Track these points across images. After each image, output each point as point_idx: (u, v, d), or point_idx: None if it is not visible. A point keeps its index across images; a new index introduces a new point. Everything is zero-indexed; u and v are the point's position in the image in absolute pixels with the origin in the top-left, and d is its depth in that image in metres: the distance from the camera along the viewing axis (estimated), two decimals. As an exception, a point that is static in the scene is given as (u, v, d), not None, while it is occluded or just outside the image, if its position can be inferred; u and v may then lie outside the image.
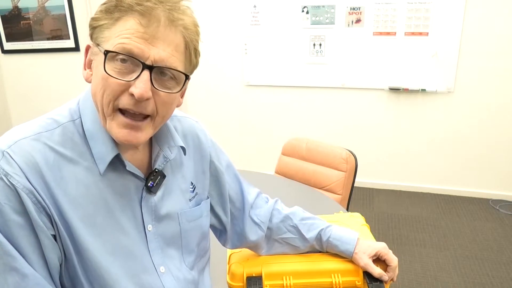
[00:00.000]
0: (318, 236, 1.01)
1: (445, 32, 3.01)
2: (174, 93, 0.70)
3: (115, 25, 0.65)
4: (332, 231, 1.00)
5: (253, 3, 3.32)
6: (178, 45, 0.68)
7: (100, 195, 0.71)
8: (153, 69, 0.66)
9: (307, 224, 1.02)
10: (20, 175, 0.63)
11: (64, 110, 0.73)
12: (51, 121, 0.70)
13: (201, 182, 0.90)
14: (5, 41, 3.68)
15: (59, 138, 0.69)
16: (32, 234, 0.64)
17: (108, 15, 0.66)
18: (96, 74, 0.67)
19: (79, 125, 0.71)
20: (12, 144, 0.65)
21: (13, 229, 0.63)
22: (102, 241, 0.70)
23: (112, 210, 0.72)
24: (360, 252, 0.96)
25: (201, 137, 0.93)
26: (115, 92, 0.66)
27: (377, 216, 3.02)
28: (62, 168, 0.68)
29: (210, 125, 3.74)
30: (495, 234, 2.76)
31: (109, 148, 0.71)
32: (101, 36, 0.67)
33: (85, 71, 0.72)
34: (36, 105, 3.77)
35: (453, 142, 3.26)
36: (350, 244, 0.98)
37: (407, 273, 2.35)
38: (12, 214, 0.63)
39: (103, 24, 0.66)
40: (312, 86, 3.40)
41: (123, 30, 0.64)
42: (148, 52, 0.65)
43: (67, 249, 0.68)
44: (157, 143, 0.80)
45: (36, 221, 0.64)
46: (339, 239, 0.99)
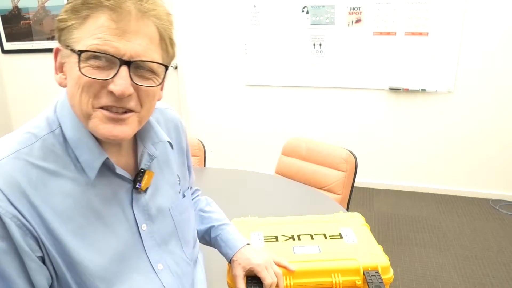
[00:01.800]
0: (208, 231, 1.01)
1: (445, 32, 3.01)
2: (155, 86, 0.68)
3: (84, 24, 0.63)
4: (223, 231, 1.00)
5: (253, 3, 3.32)
6: (152, 37, 0.66)
7: (89, 205, 0.69)
8: (131, 64, 0.64)
9: (202, 217, 1.03)
10: (2, 199, 0.61)
11: (40, 121, 0.70)
12: (29, 135, 0.67)
13: (183, 173, 0.91)
14: (5, 41, 3.68)
15: (39, 153, 0.66)
16: (17, 259, 0.62)
17: (75, 14, 0.63)
18: (71, 77, 0.65)
19: (60, 135, 0.68)
20: None
21: None
22: (96, 251, 0.69)
23: (103, 217, 0.70)
24: (237, 261, 0.94)
25: (180, 129, 0.92)
26: (94, 91, 0.64)
27: (377, 216, 3.02)
28: (47, 183, 0.65)
29: (210, 125, 3.74)
30: (495, 234, 2.76)
31: (97, 154, 0.69)
32: (70, 37, 0.64)
33: (57, 76, 0.69)
34: (36, 105, 3.78)
35: (453, 142, 3.26)
36: (231, 250, 0.96)
37: (407, 273, 2.35)
38: None
39: (71, 25, 0.63)
40: (312, 86, 3.40)
41: (95, 29, 0.62)
42: (123, 48, 0.62)
43: (58, 267, 0.66)
44: (141, 141, 0.78)
45: (20, 245, 0.62)
46: (225, 241, 0.98)
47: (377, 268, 0.96)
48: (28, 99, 3.82)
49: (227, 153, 3.76)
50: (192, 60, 3.57)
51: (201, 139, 2.17)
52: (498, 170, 3.21)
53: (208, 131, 3.72)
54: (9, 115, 3.94)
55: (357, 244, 1.04)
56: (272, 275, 0.92)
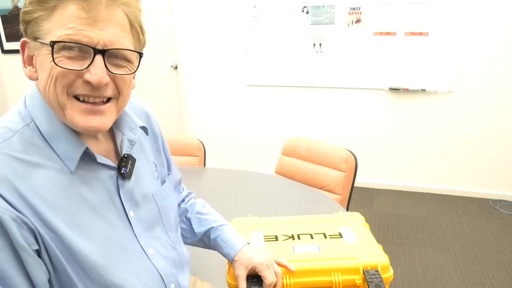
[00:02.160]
0: (207, 233, 1.01)
1: (445, 32, 3.01)
2: (130, 73, 0.69)
3: (52, 15, 0.62)
4: (222, 231, 1.00)
5: (253, 3, 3.32)
6: (124, 24, 0.66)
7: (77, 194, 0.68)
8: (106, 53, 0.63)
9: (200, 219, 1.03)
10: None
11: (13, 116, 0.68)
12: (5, 130, 0.65)
13: (159, 160, 0.92)
14: (5, 41, 3.68)
15: (19, 146, 0.64)
16: (13, 255, 0.61)
17: (42, 5, 0.62)
18: (42, 69, 0.64)
19: (35, 128, 0.67)
20: None
21: None
22: (91, 239, 0.69)
23: (93, 206, 0.70)
24: (239, 261, 0.94)
25: (150, 117, 0.93)
26: (68, 81, 0.63)
27: (377, 216, 3.02)
28: (32, 174, 0.64)
29: (210, 125, 3.74)
30: (495, 234, 2.76)
31: (76, 145, 0.68)
32: (39, 29, 0.62)
33: (26, 69, 0.67)
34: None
35: (453, 142, 3.26)
36: (233, 250, 0.96)
37: (407, 273, 2.35)
38: None
39: (38, 16, 0.62)
40: (312, 86, 3.40)
41: (65, 19, 0.61)
42: (96, 37, 0.62)
43: (57, 259, 0.65)
44: (117, 129, 0.79)
45: (16, 240, 0.60)
46: (226, 241, 0.98)
47: (377, 267, 0.96)
48: (28, 99, 3.83)
49: (227, 153, 3.76)
50: (192, 60, 3.57)
51: (201, 139, 2.17)
52: (498, 170, 3.21)
53: (208, 131, 3.72)
54: (9, 115, 3.95)
55: (357, 244, 1.04)
56: (273, 275, 0.92)
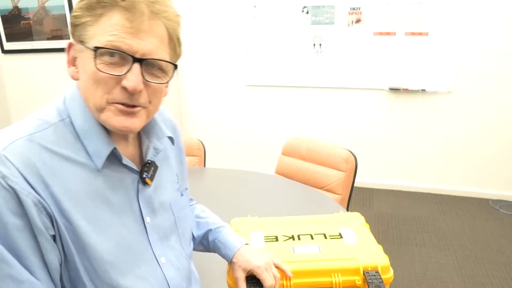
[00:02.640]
0: (206, 235, 1.02)
1: (445, 32, 3.01)
2: (164, 83, 0.72)
3: (98, 22, 0.65)
4: (220, 233, 1.00)
5: (253, 3, 3.32)
6: (163, 37, 0.70)
7: (99, 191, 0.71)
8: (143, 62, 0.67)
9: (199, 222, 1.04)
10: (18, 177, 0.62)
11: (51, 110, 0.73)
12: (42, 122, 0.69)
13: (181, 173, 0.94)
14: (5, 41, 3.68)
15: (52, 138, 0.68)
16: (31, 236, 0.64)
17: (90, 12, 0.66)
18: (84, 71, 0.68)
19: (69, 124, 0.71)
20: (7, 146, 0.64)
21: (11, 232, 0.62)
22: (105, 237, 0.70)
23: (112, 205, 0.73)
24: (238, 263, 0.94)
25: (176, 130, 0.95)
26: (109, 86, 0.66)
27: (377, 216, 3.02)
28: (59, 166, 0.67)
29: (210, 125, 3.74)
30: (495, 234, 2.76)
31: (105, 143, 0.71)
32: (85, 33, 0.66)
33: (69, 69, 0.72)
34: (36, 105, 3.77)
35: (453, 142, 3.26)
36: (231, 251, 0.96)
37: (407, 273, 2.35)
38: (11, 216, 0.62)
39: (85, 22, 0.66)
40: (312, 86, 3.40)
41: (109, 27, 0.65)
42: (136, 46, 0.66)
43: (68, 249, 0.67)
44: (145, 135, 0.82)
45: (35, 223, 0.63)
46: (224, 243, 0.98)
47: (377, 268, 0.96)
48: (28, 99, 3.82)
49: (227, 153, 3.76)
50: (192, 60, 3.57)
51: (201, 139, 2.17)
52: (498, 170, 3.21)
53: (208, 131, 3.72)
54: (9, 115, 3.94)
55: (357, 244, 1.04)
56: (272, 277, 0.92)
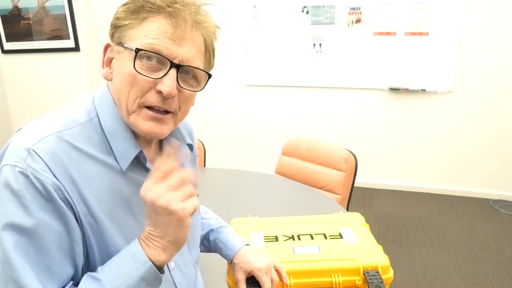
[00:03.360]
0: (207, 236, 1.02)
1: (445, 32, 3.01)
2: (196, 91, 0.74)
3: (141, 25, 0.67)
4: (221, 233, 1.01)
5: (253, 3, 3.32)
6: (200, 46, 0.71)
7: (121, 192, 0.72)
8: (180, 68, 0.68)
9: (201, 223, 1.03)
10: (46, 171, 0.63)
11: (80, 109, 0.73)
12: (70, 120, 0.70)
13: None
14: (5, 41, 3.68)
15: (79, 136, 0.69)
16: (58, 233, 0.64)
17: (134, 15, 0.67)
18: (120, 72, 0.69)
19: (97, 124, 0.72)
20: (37, 142, 0.64)
21: (39, 227, 0.62)
22: (126, 237, 0.71)
23: (132, 207, 0.73)
24: (238, 265, 0.94)
25: (193, 136, 0.97)
26: (143, 89, 0.68)
27: (377, 216, 3.02)
28: (85, 165, 0.68)
29: (210, 125, 3.74)
30: (495, 234, 2.76)
31: (132, 146, 0.72)
32: (125, 35, 0.68)
33: (104, 69, 0.73)
34: (36, 105, 3.77)
35: (453, 142, 3.26)
36: (232, 251, 0.96)
37: (407, 273, 2.35)
38: (39, 211, 0.62)
39: (127, 24, 0.68)
40: (312, 86, 3.40)
41: (151, 30, 0.66)
42: (176, 52, 0.67)
43: (90, 248, 0.68)
44: (166, 141, 0.83)
45: (69, 218, 0.64)
46: (225, 243, 0.99)
47: (377, 268, 0.96)
48: (28, 99, 3.82)
49: (227, 153, 3.76)
50: (192, 60, 3.56)
51: (201, 139, 2.17)
52: (498, 170, 3.21)
53: (208, 131, 3.72)
54: (9, 115, 3.94)
55: (357, 244, 1.04)
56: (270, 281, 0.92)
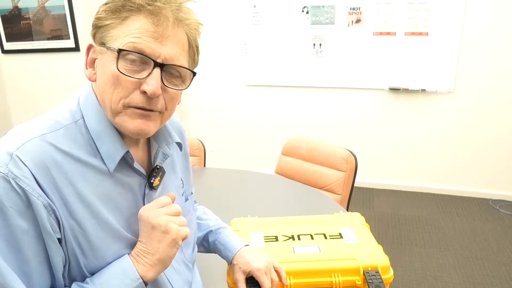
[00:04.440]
0: (206, 237, 1.02)
1: (445, 32, 3.01)
2: (181, 89, 0.72)
3: (122, 25, 0.66)
4: (221, 234, 1.00)
5: (253, 3, 3.32)
6: (183, 44, 0.70)
7: (108, 193, 0.71)
8: (164, 67, 0.67)
9: (199, 224, 1.04)
10: (30, 178, 0.62)
11: (64, 111, 0.72)
12: (54, 122, 0.69)
13: (186, 178, 0.94)
14: (5, 41, 3.67)
15: (63, 139, 0.68)
16: (35, 240, 0.63)
17: (115, 14, 0.66)
18: (103, 73, 0.68)
19: (82, 125, 0.71)
20: (20, 146, 0.63)
21: (16, 233, 0.61)
22: (114, 239, 0.71)
23: (120, 208, 0.73)
24: (238, 265, 0.93)
25: (183, 133, 0.95)
26: (127, 90, 0.67)
27: (377, 216, 3.02)
28: (70, 167, 0.67)
29: (210, 125, 3.74)
30: (495, 234, 2.76)
31: (118, 146, 0.71)
32: (107, 35, 0.67)
33: (87, 70, 0.72)
34: (36, 105, 3.77)
35: (453, 142, 3.26)
36: (231, 252, 0.96)
37: (407, 273, 2.35)
38: (17, 218, 0.61)
39: (109, 24, 0.67)
40: (312, 86, 3.40)
41: (133, 30, 0.65)
42: (158, 51, 0.66)
43: (72, 252, 0.67)
44: (154, 140, 0.82)
45: (44, 225, 0.63)
46: (224, 244, 0.98)
47: (377, 268, 0.96)
48: (28, 99, 3.82)
49: (227, 153, 3.75)
50: (192, 60, 3.56)
51: (201, 139, 2.17)
52: (498, 170, 3.21)
53: (208, 131, 3.72)
54: (9, 115, 3.94)
55: (357, 244, 1.04)
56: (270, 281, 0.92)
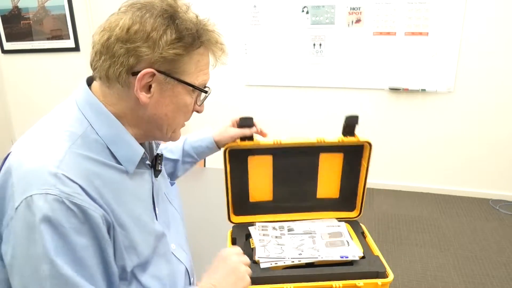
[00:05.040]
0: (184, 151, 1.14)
1: (445, 32, 3.01)
2: None
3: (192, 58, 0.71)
4: (190, 139, 1.15)
5: (253, 3, 3.32)
6: None
7: (133, 191, 0.74)
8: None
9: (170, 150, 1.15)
10: (81, 193, 0.62)
11: (71, 120, 0.71)
12: (69, 133, 0.68)
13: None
14: (5, 41, 3.68)
15: (85, 147, 0.68)
16: (94, 253, 0.64)
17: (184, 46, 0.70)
18: (173, 102, 0.73)
19: (92, 132, 0.71)
20: (59, 164, 0.63)
21: (79, 251, 0.62)
22: (145, 233, 0.75)
23: (143, 202, 0.77)
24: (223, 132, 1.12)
25: None
26: (190, 114, 0.79)
27: (377, 216, 3.02)
28: (103, 172, 0.68)
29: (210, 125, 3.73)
30: (495, 234, 2.76)
31: (136, 149, 0.74)
32: (176, 67, 0.70)
33: (141, 94, 0.70)
34: (36, 105, 3.77)
35: (453, 142, 3.26)
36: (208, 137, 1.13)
37: (407, 273, 2.35)
38: (77, 236, 0.61)
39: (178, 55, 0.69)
40: (312, 86, 3.40)
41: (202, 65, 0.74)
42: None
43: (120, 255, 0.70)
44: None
45: (103, 236, 0.65)
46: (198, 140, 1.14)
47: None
48: (28, 99, 3.82)
49: (227, 153, 3.75)
50: (192, 60, 3.56)
51: (201, 139, 2.17)
52: (498, 170, 3.21)
53: (208, 131, 3.72)
54: (9, 115, 3.94)
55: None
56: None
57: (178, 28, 0.68)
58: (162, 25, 0.67)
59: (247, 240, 1.10)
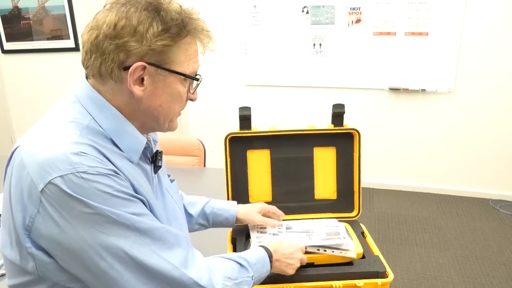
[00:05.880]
0: (203, 212, 1.10)
1: (445, 32, 3.01)
2: None
3: (180, 48, 0.72)
4: (214, 203, 1.12)
5: (253, 3, 3.32)
6: None
7: (141, 179, 0.76)
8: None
9: (191, 203, 1.12)
10: (107, 164, 0.67)
11: (73, 112, 0.72)
12: (75, 123, 0.70)
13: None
14: (5, 41, 3.67)
15: (93, 137, 0.70)
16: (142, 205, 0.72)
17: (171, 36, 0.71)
18: (167, 92, 0.74)
19: (96, 124, 0.72)
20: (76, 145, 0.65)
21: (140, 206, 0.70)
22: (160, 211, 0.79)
23: (148, 192, 0.77)
24: (249, 213, 1.09)
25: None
26: (185, 102, 0.79)
27: (377, 216, 3.02)
28: (112, 157, 0.70)
29: (210, 125, 3.74)
30: (495, 234, 2.76)
31: (139, 139, 0.76)
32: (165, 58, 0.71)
33: (135, 87, 0.71)
34: (36, 105, 3.77)
35: (453, 142, 3.26)
36: (232, 210, 1.10)
37: (407, 273, 2.35)
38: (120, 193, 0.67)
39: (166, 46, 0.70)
40: (312, 86, 3.40)
41: (191, 53, 0.74)
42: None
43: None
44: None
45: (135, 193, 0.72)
46: (222, 208, 1.10)
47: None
48: (28, 99, 3.82)
49: (227, 153, 3.75)
50: (192, 60, 3.56)
51: (201, 139, 2.17)
52: (498, 170, 3.21)
53: (208, 131, 3.71)
54: (9, 115, 3.94)
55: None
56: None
57: (163, 20, 0.69)
58: (148, 18, 0.68)
59: (247, 240, 1.10)
